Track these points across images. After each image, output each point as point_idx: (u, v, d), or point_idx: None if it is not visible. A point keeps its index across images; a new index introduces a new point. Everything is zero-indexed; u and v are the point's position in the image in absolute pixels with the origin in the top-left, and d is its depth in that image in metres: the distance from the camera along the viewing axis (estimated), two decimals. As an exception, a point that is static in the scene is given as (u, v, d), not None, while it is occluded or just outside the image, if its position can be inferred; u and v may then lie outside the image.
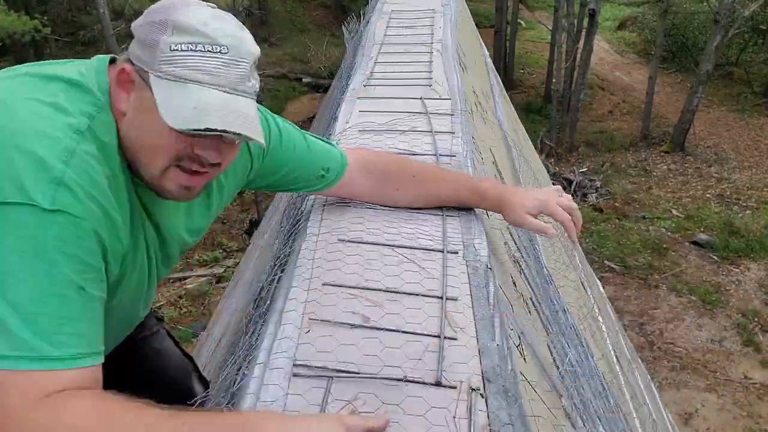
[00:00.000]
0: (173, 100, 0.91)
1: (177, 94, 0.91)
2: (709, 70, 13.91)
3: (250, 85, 0.97)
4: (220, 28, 0.95)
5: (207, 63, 0.92)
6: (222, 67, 0.93)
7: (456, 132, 1.81)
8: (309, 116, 16.65)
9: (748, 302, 9.49)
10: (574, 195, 12.69)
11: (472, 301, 1.11)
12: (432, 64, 2.48)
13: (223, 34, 0.95)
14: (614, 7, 24.67)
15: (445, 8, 3.50)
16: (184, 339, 8.10)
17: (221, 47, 0.93)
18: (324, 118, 2.53)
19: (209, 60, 0.93)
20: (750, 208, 12.21)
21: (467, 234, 1.31)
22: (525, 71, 20.61)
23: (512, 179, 2.65)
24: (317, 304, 1.10)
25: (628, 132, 16.09)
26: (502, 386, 0.92)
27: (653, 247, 10.83)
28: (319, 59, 20.12)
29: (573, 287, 2.35)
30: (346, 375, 0.93)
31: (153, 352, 1.56)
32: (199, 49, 0.92)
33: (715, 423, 7.36)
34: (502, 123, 4.06)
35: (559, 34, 15.63)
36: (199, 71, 0.92)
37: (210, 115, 0.91)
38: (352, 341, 1.01)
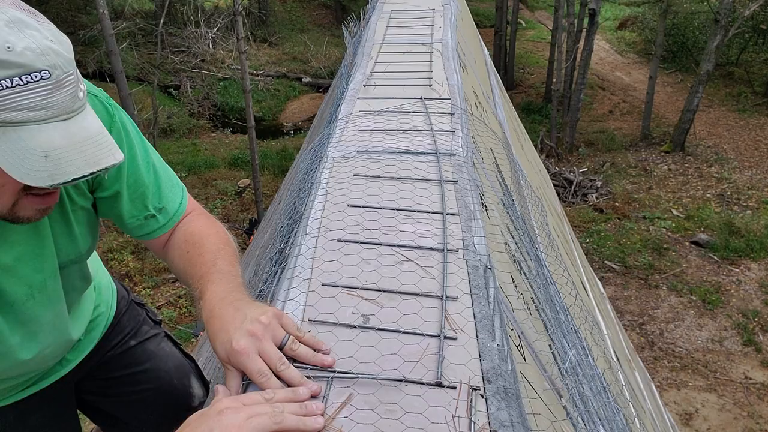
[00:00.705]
0: (11, 152, 0.79)
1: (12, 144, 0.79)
2: (710, 70, 13.91)
3: (81, 96, 0.84)
4: (28, 47, 0.77)
5: (31, 97, 0.78)
6: (49, 96, 0.79)
7: (456, 131, 1.81)
8: (309, 116, 16.66)
9: (748, 302, 9.49)
10: (575, 195, 12.69)
11: (472, 301, 1.10)
12: (432, 64, 2.48)
13: (35, 53, 0.77)
14: (614, 7, 24.68)
15: (445, 8, 3.50)
16: (184, 339, 8.10)
17: (40, 72, 0.78)
18: (324, 118, 2.53)
19: (32, 93, 0.78)
20: (750, 208, 12.21)
21: (467, 234, 1.31)
22: (525, 71, 20.61)
23: (512, 179, 2.65)
24: (317, 305, 1.10)
25: (628, 132, 16.09)
26: (502, 386, 0.92)
27: (653, 247, 10.83)
28: (319, 59, 20.13)
29: (573, 287, 2.35)
30: (346, 375, 0.93)
31: (147, 354, 1.56)
32: (16, 84, 0.77)
33: (716, 423, 7.35)
34: (502, 123, 4.05)
35: (559, 34, 15.63)
36: (26, 110, 0.78)
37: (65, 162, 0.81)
38: (351, 342, 1.00)
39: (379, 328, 1.03)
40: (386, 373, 0.93)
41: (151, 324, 1.62)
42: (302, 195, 1.61)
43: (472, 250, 1.26)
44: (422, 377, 0.93)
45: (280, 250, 1.40)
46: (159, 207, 1.18)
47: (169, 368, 1.59)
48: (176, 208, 1.21)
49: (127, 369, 1.53)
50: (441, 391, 0.91)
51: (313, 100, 18.05)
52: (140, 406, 1.56)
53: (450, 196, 1.46)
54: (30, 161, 0.79)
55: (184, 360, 1.64)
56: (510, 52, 19.49)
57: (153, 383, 1.55)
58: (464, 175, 1.55)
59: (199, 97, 17.42)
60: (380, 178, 1.56)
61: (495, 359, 0.97)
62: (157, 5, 16.83)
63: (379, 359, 0.97)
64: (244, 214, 11.98)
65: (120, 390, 1.54)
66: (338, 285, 1.15)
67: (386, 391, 0.91)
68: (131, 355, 1.53)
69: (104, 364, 1.49)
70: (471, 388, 0.91)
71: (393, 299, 1.11)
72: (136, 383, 1.54)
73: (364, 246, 1.27)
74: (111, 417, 1.59)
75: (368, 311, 1.08)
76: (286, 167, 11.41)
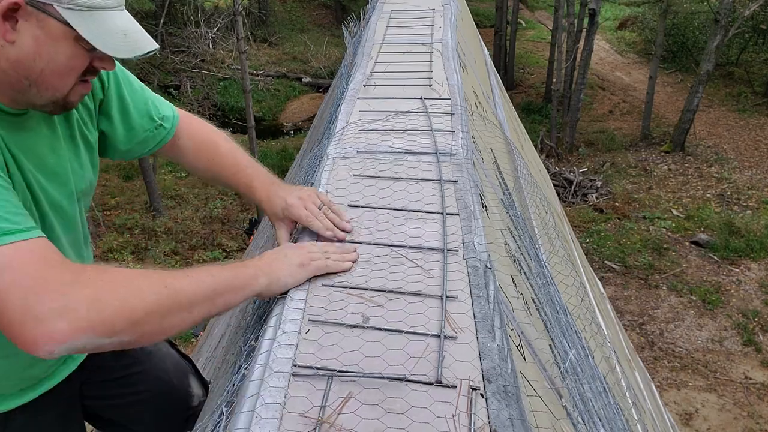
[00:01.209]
0: (96, 30, 1.00)
1: (97, 24, 1.00)
2: (710, 70, 13.91)
3: None
4: None
5: None
6: None
7: (456, 131, 1.81)
8: (309, 116, 16.66)
9: (748, 302, 9.49)
10: (575, 195, 12.69)
11: (472, 300, 1.10)
12: (432, 64, 2.48)
13: None
14: (614, 7, 24.69)
15: (445, 8, 3.50)
16: (184, 339, 8.09)
17: None
18: (324, 118, 2.53)
19: None
20: (750, 208, 12.21)
21: (467, 234, 1.31)
22: (525, 71, 20.62)
23: (512, 179, 2.65)
24: (317, 305, 1.10)
25: (628, 132, 16.10)
26: (502, 386, 0.92)
27: (653, 247, 10.84)
28: (319, 59, 20.13)
29: (573, 287, 2.35)
30: (346, 375, 0.93)
31: (146, 354, 1.56)
32: None
33: (716, 423, 7.36)
34: (502, 123, 4.06)
35: (559, 34, 15.64)
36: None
37: (137, 39, 1.05)
38: (352, 341, 1.01)
39: (379, 327, 1.03)
40: (387, 373, 0.93)
41: None
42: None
43: (472, 250, 1.26)
44: (422, 377, 0.93)
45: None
46: (161, 116, 1.39)
47: (167, 368, 1.58)
48: (172, 114, 1.43)
49: (126, 370, 1.53)
50: (441, 391, 0.91)
51: (313, 100, 18.05)
52: (140, 408, 1.56)
53: (450, 196, 1.46)
54: (114, 39, 1.01)
55: (181, 359, 1.64)
56: (510, 52, 19.49)
57: (152, 383, 1.55)
58: (464, 175, 1.55)
59: (199, 97, 17.42)
60: (380, 178, 1.56)
61: (495, 359, 0.97)
62: (157, 5, 16.83)
63: (380, 359, 0.97)
64: (244, 214, 11.99)
65: (119, 392, 1.54)
66: (338, 285, 1.15)
67: (386, 390, 0.91)
68: (130, 354, 1.53)
69: (103, 366, 1.49)
70: (471, 388, 0.91)
71: (393, 299, 1.11)
72: (136, 384, 1.54)
73: (364, 246, 1.27)
74: (112, 421, 1.59)
75: (368, 311, 1.08)
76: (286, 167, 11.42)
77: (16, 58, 0.99)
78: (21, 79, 1.01)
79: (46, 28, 0.98)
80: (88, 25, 0.99)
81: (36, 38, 0.98)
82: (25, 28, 0.97)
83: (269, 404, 0.89)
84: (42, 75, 1.01)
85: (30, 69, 1.00)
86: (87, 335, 0.87)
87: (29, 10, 0.96)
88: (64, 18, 0.97)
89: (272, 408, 0.88)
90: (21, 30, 0.97)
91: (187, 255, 10.37)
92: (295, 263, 1.13)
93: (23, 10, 0.96)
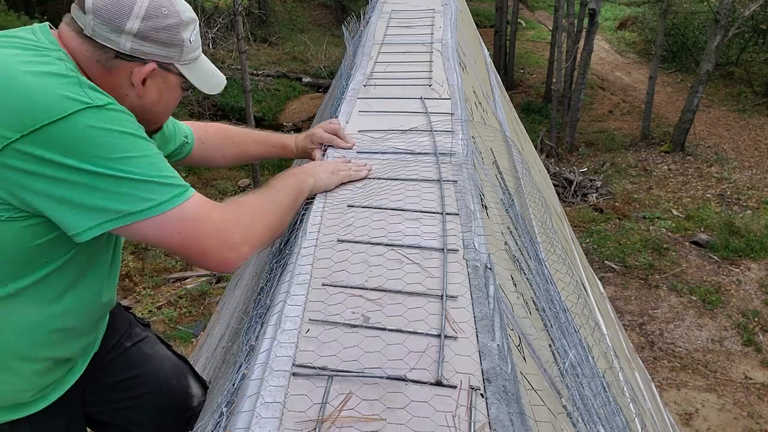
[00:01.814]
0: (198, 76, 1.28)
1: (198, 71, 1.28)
2: (710, 70, 13.91)
3: None
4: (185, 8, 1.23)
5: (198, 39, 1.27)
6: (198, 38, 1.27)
7: (456, 131, 1.81)
8: (309, 116, 16.66)
9: (748, 302, 9.50)
10: (575, 195, 12.70)
11: (472, 300, 1.11)
12: (432, 64, 2.48)
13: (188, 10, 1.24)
14: (614, 7, 24.70)
15: (445, 8, 3.50)
16: (184, 339, 8.10)
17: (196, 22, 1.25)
18: (324, 118, 2.53)
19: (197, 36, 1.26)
20: (750, 208, 12.21)
21: (467, 234, 1.31)
22: (525, 71, 20.62)
23: (512, 179, 2.65)
24: (317, 304, 1.10)
25: (628, 132, 16.10)
26: (502, 386, 0.92)
27: (653, 247, 10.84)
28: (319, 59, 20.13)
29: (573, 287, 2.35)
30: (347, 374, 0.93)
31: (144, 356, 1.56)
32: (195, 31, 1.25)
33: (716, 423, 7.36)
34: (502, 123, 4.06)
35: (559, 34, 15.64)
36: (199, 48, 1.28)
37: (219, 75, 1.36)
38: (352, 341, 1.01)
39: (379, 327, 1.03)
40: (386, 372, 0.94)
41: (140, 326, 1.62)
42: (302, 195, 1.61)
43: (472, 249, 1.26)
44: (422, 376, 0.93)
45: (280, 250, 1.40)
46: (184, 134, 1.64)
47: (166, 369, 1.58)
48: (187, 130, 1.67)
49: (125, 373, 1.53)
50: (441, 391, 0.91)
51: (313, 100, 18.05)
52: (141, 410, 1.56)
53: (450, 196, 1.46)
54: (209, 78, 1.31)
55: (178, 361, 1.64)
56: (510, 52, 19.49)
57: (152, 386, 1.54)
58: (464, 175, 1.56)
59: (199, 97, 17.41)
60: (380, 179, 1.56)
61: (495, 359, 0.97)
62: (157, 5, 16.78)
63: (380, 358, 0.97)
64: (244, 214, 11.96)
65: (120, 396, 1.53)
66: (338, 285, 1.15)
67: (386, 389, 0.91)
68: (128, 357, 1.53)
69: (103, 369, 1.49)
70: (471, 387, 0.91)
71: (393, 299, 1.11)
72: (135, 387, 1.54)
73: (364, 246, 1.27)
74: (112, 425, 1.59)
75: (368, 311, 1.08)
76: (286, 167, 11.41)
77: (140, 105, 1.22)
78: (139, 118, 1.17)
79: (167, 82, 1.25)
80: (194, 73, 1.28)
81: (159, 90, 1.24)
82: (151, 84, 1.22)
83: (269, 403, 0.89)
84: (158, 115, 1.29)
85: (149, 112, 1.25)
86: (255, 251, 1.24)
87: (158, 71, 1.21)
88: (181, 72, 1.25)
89: (272, 407, 0.88)
90: (148, 86, 1.22)
91: (187, 255, 10.35)
92: (328, 170, 1.49)
93: (155, 71, 1.20)
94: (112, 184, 1.04)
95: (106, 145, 1.04)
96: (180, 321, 8.71)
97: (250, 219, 1.22)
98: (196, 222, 1.13)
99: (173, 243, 1.13)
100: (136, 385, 1.54)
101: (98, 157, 1.03)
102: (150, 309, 8.69)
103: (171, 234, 1.11)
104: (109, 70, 1.17)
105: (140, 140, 1.10)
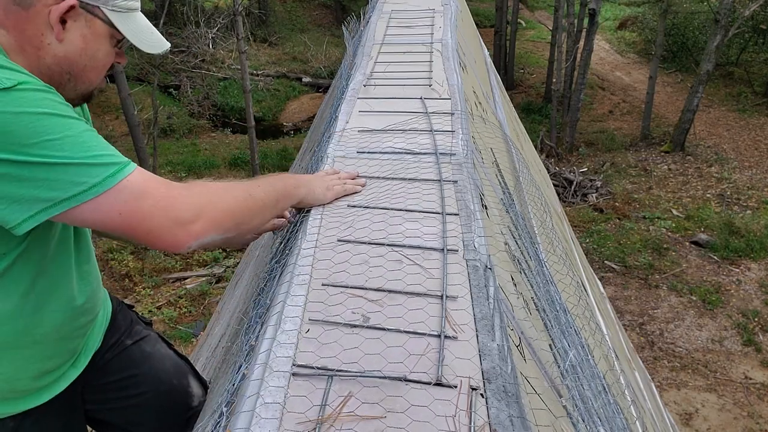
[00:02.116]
0: (132, 28, 1.16)
1: (132, 24, 1.16)
2: (710, 70, 13.91)
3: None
4: None
5: None
6: None
7: (456, 131, 1.81)
8: (309, 116, 16.66)
9: (748, 302, 9.49)
10: (575, 195, 12.69)
11: (472, 300, 1.10)
12: (432, 64, 2.48)
13: None
14: (614, 7, 24.69)
15: (445, 8, 3.50)
16: (184, 339, 8.10)
17: None
18: (324, 118, 2.53)
19: None
20: (750, 208, 12.21)
21: (467, 234, 1.31)
22: (525, 71, 20.61)
23: (512, 179, 2.65)
24: (317, 305, 1.10)
25: (628, 132, 16.10)
26: (502, 386, 0.92)
27: (653, 247, 10.84)
28: (319, 59, 20.13)
29: (573, 287, 2.35)
30: (347, 375, 0.93)
31: (145, 355, 1.56)
32: None
33: (716, 423, 7.35)
34: (502, 123, 4.05)
35: (559, 34, 15.64)
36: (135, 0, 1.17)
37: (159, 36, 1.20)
38: (352, 341, 1.01)
39: (379, 327, 1.03)
40: (386, 373, 0.93)
41: (142, 324, 1.62)
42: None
43: (472, 249, 1.26)
44: (422, 376, 0.93)
45: (281, 250, 1.40)
46: None
47: (167, 369, 1.58)
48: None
49: (126, 371, 1.53)
50: (441, 391, 0.91)
51: (313, 100, 18.05)
52: (141, 409, 1.55)
53: (450, 196, 1.46)
54: (145, 35, 1.18)
55: (179, 360, 1.64)
56: (510, 52, 19.49)
57: (152, 385, 1.54)
58: (464, 175, 1.55)
59: (199, 97, 17.42)
60: (380, 178, 1.56)
61: (495, 359, 0.97)
62: (157, 5, 16.83)
63: (380, 358, 0.97)
64: (244, 214, 11.96)
65: (120, 395, 1.53)
66: (338, 285, 1.15)
67: (386, 390, 0.91)
68: (128, 356, 1.53)
69: (103, 368, 1.49)
70: (471, 388, 0.91)
71: (393, 299, 1.11)
72: (135, 386, 1.54)
73: (364, 246, 1.27)
74: (112, 424, 1.59)
75: (368, 311, 1.08)
76: (286, 167, 11.42)
77: (63, 55, 1.11)
78: (63, 74, 1.12)
79: (92, 28, 1.12)
80: (127, 24, 1.15)
81: (83, 36, 1.12)
82: (74, 28, 1.11)
83: (269, 404, 0.89)
84: (84, 70, 1.15)
85: (74, 64, 1.13)
86: (210, 233, 1.12)
87: (80, 11, 1.10)
88: (109, 18, 1.13)
89: (272, 408, 0.88)
90: (70, 29, 1.10)
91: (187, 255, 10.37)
92: (323, 186, 1.45)
93: (75, 11, 1.09)
94: (37, 171, 0.97)
95: (21, 130, 0.96)
96: (180, 321, 8.71)
97: (208, 198, 1.14)
98: (137, 199, 1.05)
99: (116, 225, 1.06)
100: (136, 383, 1.53)
101: (15, 144, 0.96)
102: (150, 309, 8.69)
103: (112, 216, 1.04)
104: (26, 10, 1.07)
105: (60, 119, 1.01)
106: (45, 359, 1.27)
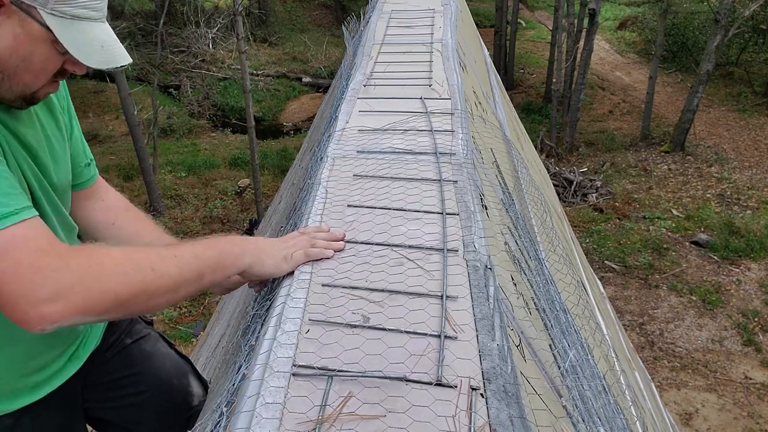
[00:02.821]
0: (76, 38, 1.05)
1: (77, 33, 1.05)
2: (710, 70, 13.91)
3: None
4: None
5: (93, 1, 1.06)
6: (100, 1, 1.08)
7: (456, 131, 1.81)
8: (309, 116, 16.66)
9: (748, 302, 9.49)
10: (575, 195, 12.69)
11: (472, 300, 1.11)
12: (432, 64, 2.48)
13: None
14: (614, 7, 24.70)
15: (445, 8, 3.50)
16: (184, 339, 8.10)
17: None
18: (324, 118, 2.53)
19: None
20: (750, 208, 12.21)
21: (467, 234, 1.31)
22: (525, 71, 20.61)
23: (512, 179, 2.65)
24: (317, 305, 1.10)
25: (628, 132, 16.10)
26: (502, 386, 0.92)
27: (653, 247, 10.84)
28: (319, 59, 20.13)
29: (573, 287, 2.35)
30: (347, 375, 0.93)
31: (145, 354, 1.55)
32: None
33: (716, 423, 7.36)
34: (502, 123, 4.06)
35: (559, 34, 15.64)
36: (88, 9, 1.06)
37: (113, 52, 1.09)
38: (352, 341, 1.01)
39: (379, 327, 1.03)
40: (386, 373, 0.93)
41: (143, 323, 1.61)
42: (302, 195, 1.61)
43: (472, 250, 1.26)
44: (423, 376, 0.93)
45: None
46: (90, 158, 1.43)
47: (167, 368, 1.58)
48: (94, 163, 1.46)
49: (126, 370, 1.53)
50: (441, 391, 0.91)
51: (313, 100, 18.05)
52: (141, 409, 1.55)
53: (450, 196, 1.46)
54: (91, 49, 1.06)
55: (180, 360, 1.64)
56: (510, 52, 19.49)
57: (152, 384, 1.54)
58: (464, 175, 1.56)
59: (199, 97, 17.42)
60: (380, 178, 1.56)
61: (495, 359, 0.97)
62: (157, 5, 16.82)
63: (380, 359, 0.97)
64: (244, 214, 11.99)
65: (120, 394, 1.53)
66: (338, 285, 1.15)
67: (386, 390, 0.91)
68: (128, 355, 1.53)
69: (103, 366, 1.49)
70: (471, 388, 0.91)
71: (393, 299, 1.11)
72: (136, 385, 1.54)
73: (364, 246, 1.27)
74: (112, 423, 1.59)
75: (368, 311, 1.08)
76: (286, 167, 11.41)
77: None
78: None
79: (26, 28, 1.03)
80: (69, 32, 1.04)
81: (15, 36, 1.03)
82: (6, 25, 1.02)
83: (269, 404, 0.89)
84: (16, 71, 1.06)
85: (5, 63, 1.05)
86: (75, 316, 0.97)
87: (13, 9, 1.01)
88: (45, 22, 1.02)
89: (272, 408, 0.88)
90: (1, 25, 1.02)
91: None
92: (280, 256, 1.21)
93: (6, 8, 1.00)
94: None
95: None
96: (180, 321, 8.72)
97: (81, 276, 0.97)
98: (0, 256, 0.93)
99: None
100: (136, 382, 1.53)
101: None
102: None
103: None
104: None
105: None
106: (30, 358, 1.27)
